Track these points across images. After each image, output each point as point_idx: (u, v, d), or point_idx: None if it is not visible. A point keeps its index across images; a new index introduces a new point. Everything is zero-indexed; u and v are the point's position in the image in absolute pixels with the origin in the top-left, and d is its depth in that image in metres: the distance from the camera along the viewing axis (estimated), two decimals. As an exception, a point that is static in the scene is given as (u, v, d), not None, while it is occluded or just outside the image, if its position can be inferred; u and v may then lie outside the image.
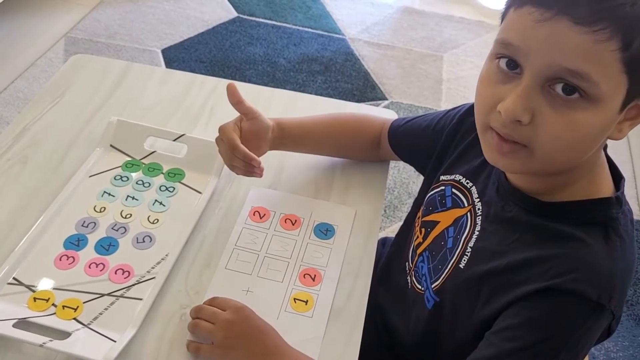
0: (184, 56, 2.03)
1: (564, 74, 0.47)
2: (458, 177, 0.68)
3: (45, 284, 0.66)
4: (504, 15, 0.52)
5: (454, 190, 0.68)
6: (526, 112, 0.49)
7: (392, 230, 1.52)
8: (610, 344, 1.36)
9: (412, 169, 0.81)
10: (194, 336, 0.63)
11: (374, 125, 0.83)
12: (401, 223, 0.81)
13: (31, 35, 2.05)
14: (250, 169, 0.71)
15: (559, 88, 0.48)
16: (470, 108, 0.71)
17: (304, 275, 0.70)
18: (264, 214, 0.77)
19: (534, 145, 0.51)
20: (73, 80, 0.95)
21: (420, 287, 0.68)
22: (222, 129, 0.72)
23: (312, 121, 0.82)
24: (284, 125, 0.78)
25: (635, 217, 1.54)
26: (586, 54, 0.45)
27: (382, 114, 0.92)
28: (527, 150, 0.51)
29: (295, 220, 0.77)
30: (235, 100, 0.71)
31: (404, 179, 1.68)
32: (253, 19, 2.27)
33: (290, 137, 0.79)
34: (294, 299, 0.68)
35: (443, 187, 0.70)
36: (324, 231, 0.76)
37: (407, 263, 0.73)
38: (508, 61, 0.50)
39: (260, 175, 0.72)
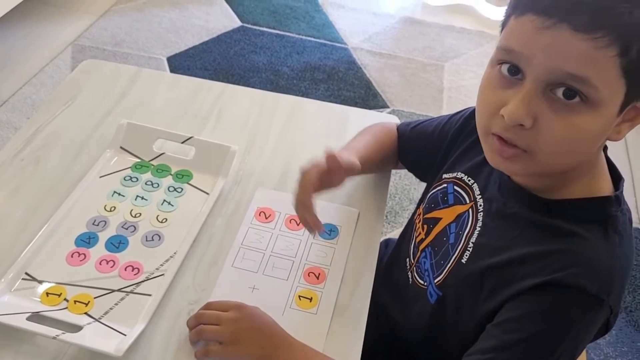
0: (189, 64, 2.06)
1: (566, 78, 0.49)
2: (460, 174, 0.70)
3: (57, 280, 0.68)
4: (504, 23, 0.54)
5: (455, 187, 0.70)
6: (528, 116, 0.50)
7: (393, 236, 1.53)
8: (610, 349, 1.38)
9: (413, 175, 0.83)
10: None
11: (394, 133, 0.83)
12: (402, 229, 0.83)
13: (39, 43, 2.08)
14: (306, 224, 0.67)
15: (559, 92, 0.50)
16: (474, 111, 0.73)
17: (309, 273, 0.72)
18: (270, 215, 0.79)
19: (535, 149, 0.52)
20: (84, 85, 0.97)
21: (422, 282, 0.70)
22: (304, 176, 0.67)
23: (360, 145, 0.78)
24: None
25: (635, 226, 1.56)
26: (586, 59, 0.47)
27: (384, 119, 0.94)
28: (527, 155, 0.53)
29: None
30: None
31: (405, 185, 1.70)
32: (257, 28, 2.30)
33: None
34: (299, 296, 0.70)
35: (445, 185, 0.72)
36: (328, 231, 0.78)
37: (407, 259, 0.75)
38: (510, 67, 0.52)
39: (313, 232, 0.69)
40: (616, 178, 0.60)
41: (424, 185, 0.80)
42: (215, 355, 0.62)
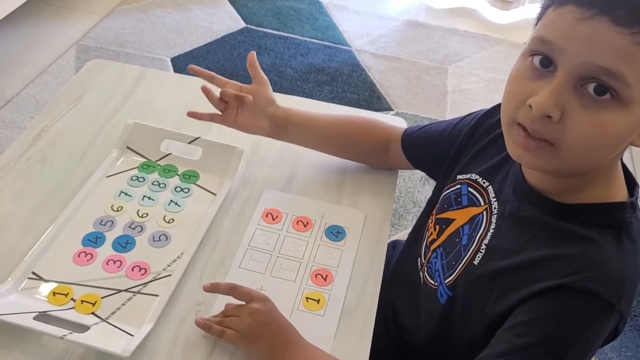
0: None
1: (599, 73, 0.48)
2: (474, 176, 0.70)
3: (64, 280, 0.67)
4: (540, 15, 0.54)
5: (470, 189, 0.69)
6: (557, 108, 0.50)
7: (398, 238, 1.53)
8: (614, 353, 1.37)
9: (417, 178, 0.83)
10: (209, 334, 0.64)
11: (382, 129, 0.84)
12: (407, 231, 0.83)
13: (43, 43, 2.08)
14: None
15: (591, 88, 0.49)
16: (488, 112, 0.72)
17: (316, 275, 0.72)
18: (277, 216, 0.79)
19: (560, 143, 0.52)
20: (90, 85, 0.97)
21: (433, 282, 0.70)
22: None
23: (319, 116, 0.84)
24: (290, 112, 0.80)
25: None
26: (623, 54, 0.47)
27: (392, 121, 0.93)
28: (552, 149, 0.52)
29: (307, 222, 0.78)
30: (251, 62, 0.81)
31: (409, 188, 1.69)
32: (261, 29, 2.31)
33: (295, 125, 0.80)
34: (306, 297, 0.69)
35: (459, 186, 0.71)
36: (335, 233, 0.77)
37: (419, 259, 0.75)
38: (542, 59, 0.52)
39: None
40: (631, 184, 0.60)
41: (428, 188, 0.80)
42: (228, 339, 0.62)
